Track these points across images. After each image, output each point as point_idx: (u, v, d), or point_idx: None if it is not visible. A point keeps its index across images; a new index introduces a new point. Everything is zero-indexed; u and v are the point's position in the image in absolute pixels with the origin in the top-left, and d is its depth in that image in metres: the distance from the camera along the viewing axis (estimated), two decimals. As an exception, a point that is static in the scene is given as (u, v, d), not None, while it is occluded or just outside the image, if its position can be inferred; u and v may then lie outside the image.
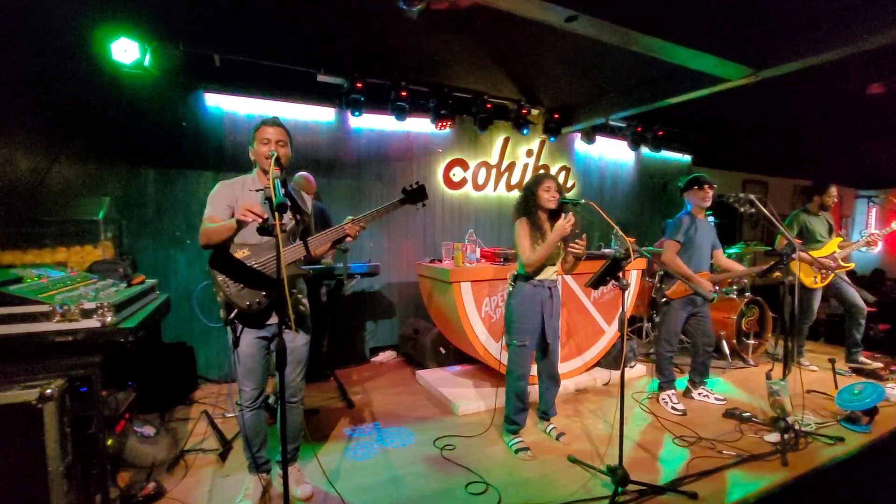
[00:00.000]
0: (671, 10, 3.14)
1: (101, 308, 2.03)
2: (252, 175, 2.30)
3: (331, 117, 4.72)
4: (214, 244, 2.07)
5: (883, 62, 3.91)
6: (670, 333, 3.66)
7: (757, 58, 3.73)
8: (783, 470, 2.69)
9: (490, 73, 4.67)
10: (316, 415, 3.47)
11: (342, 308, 4.81)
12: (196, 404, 3.65)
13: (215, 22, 3.53)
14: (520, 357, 2.94)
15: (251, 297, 2.08)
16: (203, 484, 2.54)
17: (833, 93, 4.93)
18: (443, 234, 5.29)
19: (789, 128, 6.49)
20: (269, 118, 2.22)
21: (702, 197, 3.56)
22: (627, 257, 2.48)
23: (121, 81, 3.70)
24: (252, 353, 2.22)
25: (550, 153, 6.12)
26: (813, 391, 3.86)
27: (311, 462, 2.59)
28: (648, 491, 2.43)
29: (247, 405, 2.28)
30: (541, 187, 2.90)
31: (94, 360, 2.07)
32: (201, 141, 4.10)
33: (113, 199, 3.78)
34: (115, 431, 2.56)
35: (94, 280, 2.60)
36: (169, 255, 4.05)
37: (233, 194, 2.22)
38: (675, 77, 4.37)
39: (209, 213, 2.18)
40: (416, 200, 2.44)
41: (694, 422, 3.34)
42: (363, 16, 3.42)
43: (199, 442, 2.98)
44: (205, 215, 2.18)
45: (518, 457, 2.87)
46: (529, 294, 2.90)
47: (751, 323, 4.85)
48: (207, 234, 2.09)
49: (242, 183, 2.27)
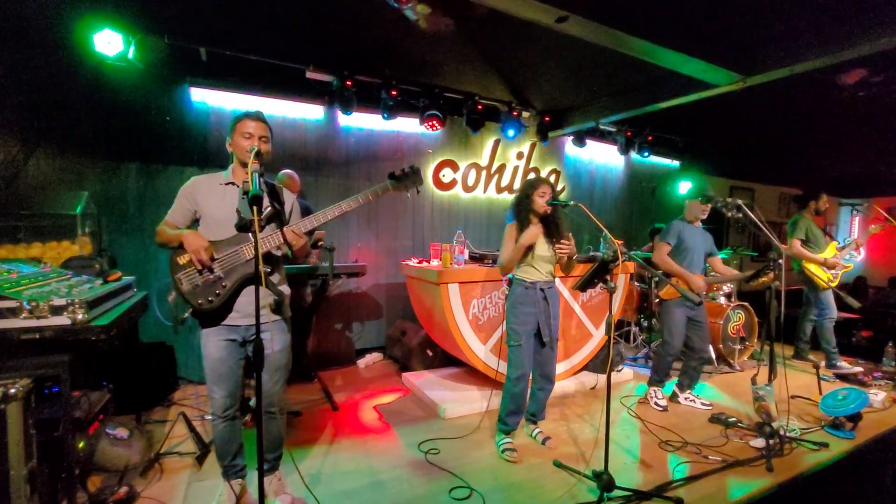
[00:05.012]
0: (662, 14, 3.14)
1: (72, 305, 1.95)
2: (227, 171, 2.20)
3: (320, 115, 4.66)
4: (167, 247, 2.06)
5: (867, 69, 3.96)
6: (671, 332, 3.66)
7: (745, 64, 3.75)
8: (768, 475, 2.68)
9: (481, 75, 4.64)
10: (298, 417, 3.39)
11: (328, 309, 4.74)
12: (175, 405, 3.55)
13: (202, 15, 3.45)
14: (517, 358, 2.94)
15: (204, 294, 2.01)
16: (178, 488, 2.46)
17: (818, 102, 4.98)
18: (432, 235, 5.25)
19: (775, 135, 6.56)
20: (252, 112, 2.13)
21: (702, 210, 3.64)
22: (615, 259, 2.46)
23: (103, 73, 3.59)
24: (221, 358, 2.10)
25: (541, 156, 6.12)
26: (798, 396, 3.87)
27: (291, 467, 2.52)
28: (634, 496, 2.41)
29: (219, 415, 2.15)
30: (536, 191, 2.90)
31: (63, 358, 1.99)
32: (186, 136, 4.01)
33: (92, 194, 3.67)
34: (88, 433, 2.47)
35: (68, 276, 2.51)
36: (150, 252, 3.94)
37: (196, 199, 2.11)
38: (665, 82, 4.39)
39: (169, 215, 2.14)
40: (406, 186, 2.17)
41: (680, 426, 3.33)
42: (353, 12, 3.37)
43: (177, 445, 2.89)
44: (168, 214, 2.14)
45: (504, 456, 2.88)
46: (521, 296, 2.93)
47: (737, 328, 4.87)
48: (161, 237, 2.09)
49: (216, 179, 2.17)
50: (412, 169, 2.17)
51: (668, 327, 3.67)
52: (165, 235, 2.08)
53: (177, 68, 3.83)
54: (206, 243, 1.98)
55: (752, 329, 5.00)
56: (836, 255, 4.62)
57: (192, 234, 2.01)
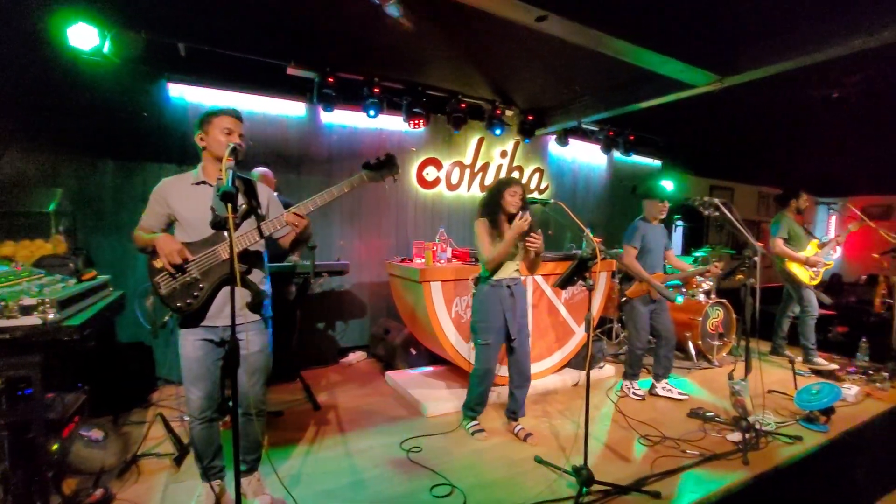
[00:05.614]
0: (640, 15, 3.18)
1: (43, 304, 1.91)
2: (196, 169, 2.13)
3: (301, 112, 4.62)
4: (145, 252, 2.03)
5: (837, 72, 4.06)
6: (636, 327, 3.84)
7: (722, 65, 3.82)
8: (744, 469, 2.74)
9: (464, 73, 4.64)
10: (280, 417, 3.37)
11: (311, 308, 4.71)
12: (154, 406, 3.50)
13: (180, 9, 3.39)
14: (484, 355, 3.02)
15: (182, 297, 1.98)
16: (155, 490, 2.43)
17: (794, 103, 5.10)
18: (415, 234, 5.24)
19: (753, 136, 6.69)
20: (230, 108, 2.08)
21: (659, 209, 3.75)
22: (594, 257, 2.49)
23: (78, 68, 3.51)
24: (198, 358, 2.07)
25: (525, 155, 6.15)
26: (774, 391, 3.96)
27: (269, 467, 2.50)
28: (613, 491, 2.44)
29: (196, 416, 2.11)
30: (507, 190, 2.96)
31: (35, 359, 1.95)
32: (164, 132, 3.94)
33: (67, 191, 3.59)
34: (62, 436, 2.42)
35: (41, 275, 2.45)
36: (128, 250, 3.86)
37: (168, 202, 2.06)
38: (645, 82, 4.44)
39: (143, 220, 2.10)
40: (382, 175, 2.13)
41: (659, 421, 3.38)
42: (336, 8, 3.34)
43: (154, 446, 2.85)
44: (142, 218, 2.10)
45: (475, 437, 3.06)
46: (489, 294, 2.98)
47: (716, 324, 4.95)
48: (138, 242, 2.06)
49: (186, 180, 2.11)
50: (387, 157, 2.12)
51: (634, 322, 3.84)
52: (141, 240, 2.04)
53: (154, 63, 3.76)
54: (178, 246, 1.94)
55: (731, 326, 5.09)
56: (817, 253, 4.72)
57: (163, 237, 1.97)
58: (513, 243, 2.87)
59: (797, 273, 4.67)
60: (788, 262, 4.71)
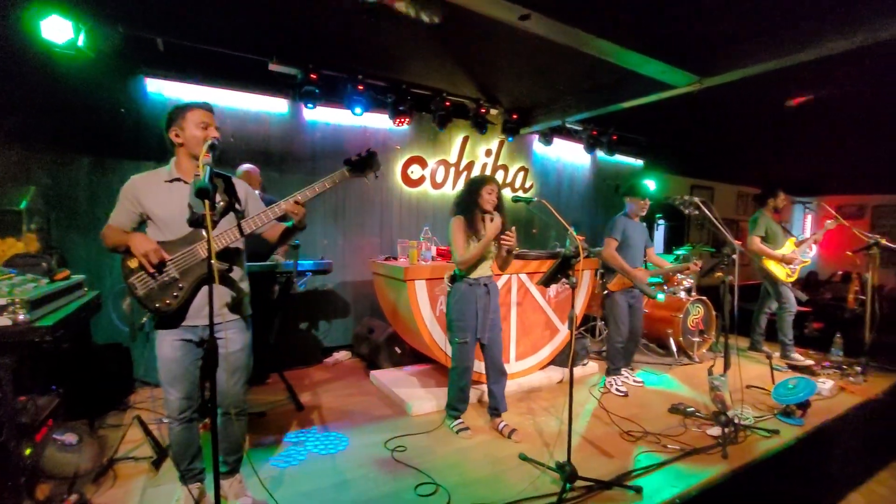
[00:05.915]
0: (622, 15, 3.20)
1: (13, 305, 1.86)
2: (169, 165, 2.07)
3: (284, 108, 4.56)
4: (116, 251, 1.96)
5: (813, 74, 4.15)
6: (617, 321, 3.92)
7: (701, 66, 3.88)
8: (724, 462, 2.79)
9: (449, 71, 4.63)
10: (262, 418, 3.32)
11: (294, 307, 4.66)
12: (131, 409, 3.42)
13: (158, 3, 3.32)
14: (462, 353, 3.05)
15: (161, 297, 1.93)
16: (133, 494, 2.37)
17: (771, 104, 5.19)
18: (400, 233, 5.21)
19: (733, 136, 6.81)
20: (201, 101, 2.04)
21: (641, 206, 3.89)
22: (577, 255, 2.50)
23: (52, 62, 3.39)
24: (176, 358, 2.03)
25: (509, 153, 6.16)
26: (752, 386, 4.04)
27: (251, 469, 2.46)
28: (595, 486, 2.46)
29: (175, 417, 2.08)
30: (485, 188, 2.99)
31: (5, 361, 1.90)
32: (142, 129, 3.83)
33: (40, 189, 3.49)
34: (35, 440, 2.36)
35: (11, 275, 2.38)
36: (103, 250, 3.73)
37: (139, 200, 2.00)
38: (627, 82, 4.48)
39: (113, 218, 2.02)
40: (364, 171, 2.11)
41: (641, 417, 3.42)
42: (318, 2, 3.30)
43: (132, 449, 2.79)
44: (111, 216, 2.02)
45: (460, 436, 3.08)
46: (465, 293, 3.00)
47: (696, 321, 5.03)
48: (108, 241, 1.98)
49: (158, 177, 2.05)
50: (369, 153, 2.10)
51: (615, 316, 3.92)
52: (112, 239, 1.96)
53: (131, 58, 3.67)
54: (154, 245, 1.89)
55: (711, 322, 5.18)
56: (794, 251, 4.82)
57: (138, 236, 1.92)
58: (488, 246, 2.92)
59: (774, 270, 4.76)
60: (766, 259, 4.81)
